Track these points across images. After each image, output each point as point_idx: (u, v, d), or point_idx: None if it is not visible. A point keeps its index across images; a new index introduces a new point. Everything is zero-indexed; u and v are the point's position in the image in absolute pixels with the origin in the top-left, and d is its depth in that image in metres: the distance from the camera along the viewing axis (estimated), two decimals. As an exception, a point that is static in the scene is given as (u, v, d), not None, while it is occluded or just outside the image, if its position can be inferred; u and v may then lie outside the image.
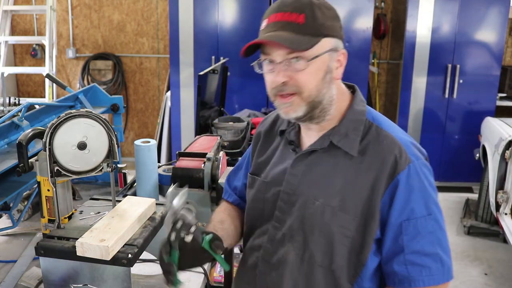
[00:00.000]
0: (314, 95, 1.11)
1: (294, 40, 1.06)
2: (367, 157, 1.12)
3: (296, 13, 1.07)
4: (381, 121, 1.19)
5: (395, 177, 1.09)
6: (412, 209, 1.10)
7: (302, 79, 1.09)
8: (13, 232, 1.79)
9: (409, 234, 1.10)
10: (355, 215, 1.11)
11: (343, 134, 1.16)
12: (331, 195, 1.14)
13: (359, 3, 4.46)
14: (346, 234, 1.12)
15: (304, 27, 1.07)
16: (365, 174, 1.11)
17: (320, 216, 1.14)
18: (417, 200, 1.10)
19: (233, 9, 4.51)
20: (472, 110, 4.66)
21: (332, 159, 1.16)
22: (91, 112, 1.30)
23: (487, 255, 3.68)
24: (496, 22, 4.46)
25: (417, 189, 1.10)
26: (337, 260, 1.13)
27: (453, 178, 4.83)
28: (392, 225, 1.11)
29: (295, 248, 1.17)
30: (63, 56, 5.54)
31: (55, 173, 1.28)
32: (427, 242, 1.11)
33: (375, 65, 5.28)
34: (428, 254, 1.11)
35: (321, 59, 1.10)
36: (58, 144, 1.27)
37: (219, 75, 3.04)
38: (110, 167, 1.33)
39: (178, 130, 4.77)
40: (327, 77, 1.12)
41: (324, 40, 1.09)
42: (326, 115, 1.16)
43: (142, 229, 1.31)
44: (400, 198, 1.09)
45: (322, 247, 1.14)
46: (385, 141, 1.13)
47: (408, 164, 1.09)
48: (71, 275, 1.23)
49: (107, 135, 1.31)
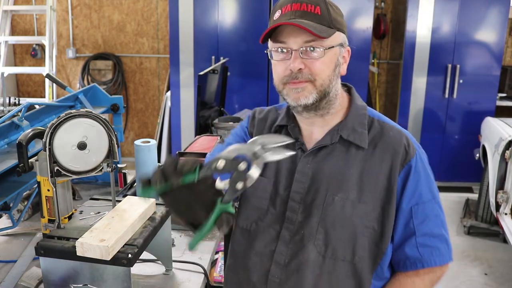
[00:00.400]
0: (326, 84, 1.14)
1: (317, 27, 1.09)
2: (378, 148, 1.17)
3: (313, 5, 1.11)
4: (380, 115, 1.24)
5: (406, 164, 1.16)
6: (420, 194, 1.17)
7: (317, 67, 1.12)
8: (13, 232, 1.79)
9: (419, 218, 1.17)
10: (373, 205, 1.16)
11: (351, 128, 1.19)
12: (349, 188, 1.16)
13: (359, 3, 4.46)
14: (367, 224, 1.16)
15: (322, 18, 1.11)
16: (380, 164, 1.16)
17: (341, 210, 1.16)
18: (424, 185, 1.17)
19: (233, 9, 4.51)
20: (472, 110, 4.66)
21: (343, 154, 1.18)
22: (91, 112, 1.30)
23: (487, 255, 3.68)
24: (496, 22, 4.46)
25: (423, 175, 1.17)
26: (359, 252, 1.16)
27: (453, 178, 4.83)
28: (403, 211, 1.17)
29: (317, 246, 1.17)
30: (63, 56, 5.54)
31: (55, 173, 1.28)
32: (434, 225, 1.18)
33: (375, 65, 5.28)
34: (436, 236, 1.19)
35: (334, 50, 1.14)
36: (58, 144, 1.27)
37: (219, 75, 3.04)
38: (110, 167, 1.33)
39: (178, 130, 4.77)
40: (336, 70, 1.16)
41: (337, 33, 1.14)
42: (331, 108, 1.19)
43: (142, 229, 1.31)
44: (411, 184, 1.16)
45: (345, 241, 1.16)
46: (391, 132, 1.19)
47: (415, 151, 1.18)
48: (71, 275, 1.23)
49: (107, 135, 1.31)
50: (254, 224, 1.25)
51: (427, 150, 1.25)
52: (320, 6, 1.11)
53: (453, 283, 3.30)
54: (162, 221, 1.40)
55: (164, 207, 1.44)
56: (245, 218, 1.27)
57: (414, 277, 1.20)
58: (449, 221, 4.23)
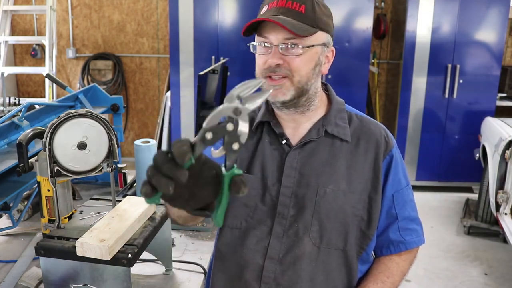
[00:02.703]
0: (303, 82, 1.16)
1: (296, 25, 1.11)
2: (361, 140, 1.24)
3: (298, 3, 1.13)
4: (355, 110, 1.31)
5: (388, 154, 1.25)
6: (399, 180, 1.26)
7: (295, 64, 1.14)
8: (13, 232, 1.79)
9: (399, 204, 1.26)
10: (361, 194, 1.22)
11: (333, 123, 1.24)
12: (338, 180, 1.21)
13: (359, 3, 4.46)
14: (356, 213, 1.22)
15: (305, 17, 1.13)
16: (364, 155, 1.23)
17: (334, 201, 1.20)
18: (401, 172, 1.27)
19: (233, 9, 4.51)
20: (472, 110, 4.66)
21: (328, 147, 1.23)
22: (91, 112, 1.30)
23: (487, 255, 3.68)
24: (496, 22, 4.46)
25: (400, 163, 1.27)
26: (350, 240, 1.22)
27: (453, 178, 4.83)
28: (386, 198, 1.25)
29: (312, 238, 1.20)
30: (63, 56, 5.54)
31: (55, 173, 1.28)
32: (411, 209, 1.29)
33: (375, 65, 5.28)
34: (413, 219, 1.30)
35: (315, 49, 1.16)
36: (58, 144, 1.27)
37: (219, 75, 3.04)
38: (110, 167, 1.33)
39: (178, 130, 4.77)
40: (316, 69, 1.18)
41: (320, 33, 1.16)
42: (311, 105, 1.22)
43: (142, 229, 1.31)
44: (392, 172, 1.24)
45: (338, 230, 1.21)
46: (371, 125, 1.27)
47: (393, 142, 1.27)
48: (71, 275, 1.23)
49: (107, 135, 1.31)
50: (243, 221, 1.24)
51: (427, 150, 1.31)
52: (306, 4, 1.14)
53: (453, 283, 3.30)
54: (162, 221, 1.40)
55: (164, 207, 1.44)
56: (234, 217, 1.26)
57: (397, 259, 1.29)
58: (449, 221, 4.23)
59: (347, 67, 4.54)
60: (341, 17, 4.51)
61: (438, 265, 3.52)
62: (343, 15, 4.51)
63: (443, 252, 3.71)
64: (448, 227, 4.13)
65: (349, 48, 4.49)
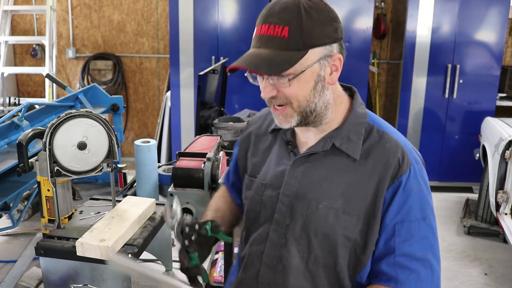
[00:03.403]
0: (304, 105, 1.10)
1: (274, 60, 1.04)
2: (370, 159, 1.12)
3: (281, 26, 1.04)
4: (381, 123, 1.18)
5: (397, 179, 1.09)
6: (408, 211, 1.10)
7: (289, 92, 1.08)
8: (13, 232, 1.79)
9: (402, 236, 1.10)
10: (358, 217, 1.11)
11: (345, 136, 1.14)
12: (334, 197, 1.13)
13: (359, 3, 4.46)
14: (349, 236, 1.12)
15: (288, 42, 1.04)
16: (369, 177, 1.11)
17: (324, 219, 1.13)
18: (414, 203, 1.10)
19: (233, 9, 4.51)
20: (472, 110, 4.66)
21: (333, 162, 1.15)
22: (91, 112, 1.30)
23: (487, 255, 3.68)
24: (496, 22, 4.46)
25: (415, 192, 1.10)
26: (341, 262, 1.13)
27: (453, 178, 4.83)
28: (386, 226, 1.11)
29: (300, 251, 1.16)
30: (63, 56, 5.54)
31: (55, 173, 1.28)
32: (419, 247, 1.10)
33: (375, 65, 5.28)
34: (418, 259, 1.10)
35: (311, 70, 1.07)
36: (58, 144, 1.27)
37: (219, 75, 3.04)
38: (110, 167, 1.33)
39: (178, 130, 4.76)
40: (318, 86, 1.09)
41: (311, 52, 1.06)
42: (323, 120, 1.15)
43: (142, 229, 1.31)
44: (398, 200, 1.09)
45: (327, 249, 1.14)
46: (388, 144, 1.13)
47: (409, 166, 1.10)
48: (71, 275, 1.23)
49: (107, 135, 1.31)
50: (251, 225, 1.26)
51: (427, 150, 1.23)
52: (290, 25, 1.03)
53: (453, 283, 3.30)
54: (162, 221, 1.40)
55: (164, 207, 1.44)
56: (246, 219, 1.29)
57: None
58: (449, 221, 4.23)
59: (347, 67, 4.48)
60: (341, 17, 4.44)
61: (438, 265, 3.52)
62: (343, 15, 4.51)
63: (443, 252, 3.71)
64: (448, 227, 4.13)
65: (349, 48, 4.48)
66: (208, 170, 1.82)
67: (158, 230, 1.38)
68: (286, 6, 1.05)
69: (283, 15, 1.04)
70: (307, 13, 1.04)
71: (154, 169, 1.89)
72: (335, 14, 1.10)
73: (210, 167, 1.83)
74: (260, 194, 1.23)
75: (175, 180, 1.85)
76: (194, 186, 1.83)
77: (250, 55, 1.07)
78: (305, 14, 1.04)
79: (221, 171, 1.88)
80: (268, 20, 1.06)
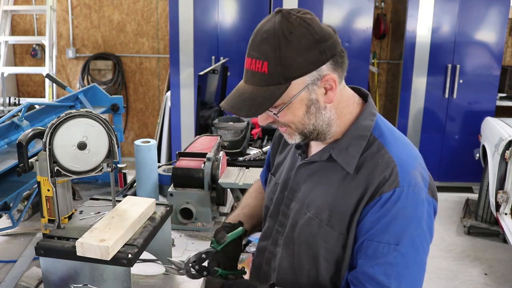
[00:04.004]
0: (301, 128, 1.10)
1: (255, 100, 1.03)
2: (360, 173, 1.08)
3: (260, 61, 1.02)
4: (387, 138, 1.12)
5: (377, 197, 1.04)
6: (380, 232, 1.04)
7: (283, 120, 1.09)
8: (13, 232, 1.79)
9: (367, 256, 1.05)
10: (340, 232, 1.09)
11: (344, 148, 1.11)
12: (322, 208, 1.12)
13: (359, 3, 4.46)
14: (330, 249, 1.11)
15: (269, 78, 1.02)
16: (354, 191, 1.07)
17: (307, 227, 1.13)
18: (390, 226, 1.03)
19: (233, 9, 4.51)
20: (472, 110, 4.66)
21: (329, 172, 1.14)
22: (91, 112, 1.30)
23: (487, 255, 3.68)
24: (496, 22, 4.46)
25: (392, 215, 1.03)
26: (321, 271, 1.14)
27: (453, 178, 4.83)
28: (357, 240, 1.08)
29: (289, 255, 1.19)
30: (63, 56, 5.54)
31: (55, 173, 1.28)
32: (381, 271, 1.04)
33: (375, 65, 5.28)
34: (379, 283, 1.04)
35: (297, 99, 1.04)
36: (58, 144, 1.27)
37: (219, 75, 3.04)
38: (110, 167, 1.33)
39: (178, 130, 4.77)
40: (312, 109, 1.07)
41: (294, 83, 1.02)
42: (327, 136, 1.13)
43: (142, 229, 1.31)
44: (372, 217, 1.04)
45: (309, 258, 1.14)
46: (381, 159, 1.07)
47: (394, 188, 1.03)
48: (71, 275, 1.23)
49: (107, 135, 1.31)
50: (264, 219, 1.33)
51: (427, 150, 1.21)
52: (269, 60, 1.00)
53: (453, 283, 3.30)
54: (162, 221, 1.40)
55: (164, 207, 1.44)
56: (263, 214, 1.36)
57: None
58: (449, 221, 4.23)
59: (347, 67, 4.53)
60: (341, 17, 4.51)
61: (438, 265, 3.52)
62: (343, 15, 4.51)
63: (443, 252, 3.71)
64: (448, 227, 4.13)
65: (349, 48, 4.48)
66: (208, 170, 1.82)
67: (158, 230, 1.38)
68: (266, 37, 1.01)
69: (263, 48, 1.01)
70: (287, 42, 1.00)
71: (154, 169, 1.89)
72: (322, 33, 1.02)
73: (210, 167, 1.83)
74: (274, 192, 1.29)
75: (175, 180, 1.85)
76: (194, 186, 1.83)
77: (235, 95, 1.08)
78: (284, 44, 1.00)
79: (221, 171, 1.88)
80: (251, 54, 1.04)
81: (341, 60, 1.07)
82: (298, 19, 1.01)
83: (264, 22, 1.04)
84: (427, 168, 1.14)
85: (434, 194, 1.10)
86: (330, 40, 1.03)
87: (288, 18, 1.01)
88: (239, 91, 1.07)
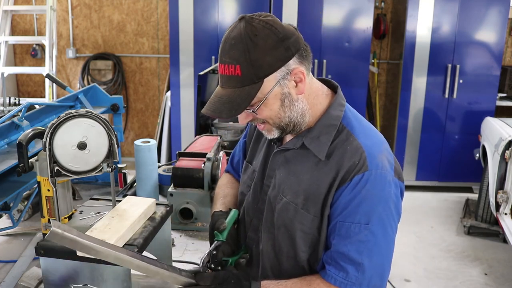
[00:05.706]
0: (278, 122, 1.17)
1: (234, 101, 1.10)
2: (331, 160, 1.16)
3: (233, 65, 1.09)
4: (354, 125, 1.20)
5: (348, 181, 1.12)
6: (351, 213, 1.12)
7: (261, 116, 1.16)
8: (13, 232, 1.79)
9: (340, 236, 1.14)
10: (315, 214, 1.17)
11: (316, 136, 1.19)
12: (297, 193, 1.19)
13: (359, 3, 4.46)
14: (306, 231, 1.19)
15: (243, 79, 1.09)
16: (326, 176, 1.16)
17: (284, 212, 1.21)
18: (360, 207, 1.11)
19: (233, 9, 4.51)
20: (472, 110, 4.66)
21: (303, 159, 1.21)
22: (91, 112, 1.30)
23: (487, 255, 3.68)
24: (496, 22, 4.46)
25: (362, 197, 1.11)
26: (301, 255, 1.21)
27: (453, 178, 4.83)
28: (331, 222, 1.16)
29: (270, 239, 1.25)
30: (63, 56, 5.54)
31: (55, 173, 1.28)
32: (354, 249, 1.12)
33: (375, 65, 5.28)
34: (352, 260, 1.12)
35: (272, 94, 1.12)
36: (58, 144, 1.27)
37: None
38: (110, 167, 1.33)
39: (178, 130, 4.77)
40: (286, 102, 1.14)
41: (266, 80, 1.10)
42: (302, 126, 1.20)
43: (142, 229, 1.31)
44: (344, 200, 1.13)
45: (287, 241, 1.22)
46: (350, 146, 1.15)
47: (363, 172, 1.11)
48: (71, 275, 1.23)
49: (107, 135, 1.31)
50: (240, 206, 1.38)
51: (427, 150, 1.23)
52: (240, 63, 1.08)
53: (453, 283, 3.30)
54: (162, 221, 1.40)
55: (164, 207, 1.44)
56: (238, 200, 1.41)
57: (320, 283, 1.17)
58: (449, 221, 4.23)
59: (347, 67, 4.54)
60: (341, 17, 4.51)
61: (438, 265, 3.52)
62: (343, 15, 4.51)
63: (443, 252, 3.71)
64: (448, 227, 4.13)
65: (349, 48, 4.49)
66: (208, 170, 1.82)
67: (158, 230, 1.38)
68: (234, 43, 1.08)
69: (233, 53, 1.08)
70: (254, 44, 1.07)
71: (154, 169, 1.89)
72: (284, 32, 1.10)
73: (210, 167, 1.83)
74: (252, 179, 1.34)
75: (175, 180, 1.85)
76: (194, 186, 1.83)
77: (214, 99, 1.14)
78: (252, 47, 1.07)
79: (221, 171, 1.88)
80: (223, 60, 1.11)
81: (305, 54, 1.14)
82: (261, 22, 1.10)
83: (231, 29, 1.12)
84: (427, 168, 1.20)
85: (400, 176, 1.20)
86: (293, 37, 1.11)
87: (252, 23, 1.09)
88: (218, 96, 1.14)
